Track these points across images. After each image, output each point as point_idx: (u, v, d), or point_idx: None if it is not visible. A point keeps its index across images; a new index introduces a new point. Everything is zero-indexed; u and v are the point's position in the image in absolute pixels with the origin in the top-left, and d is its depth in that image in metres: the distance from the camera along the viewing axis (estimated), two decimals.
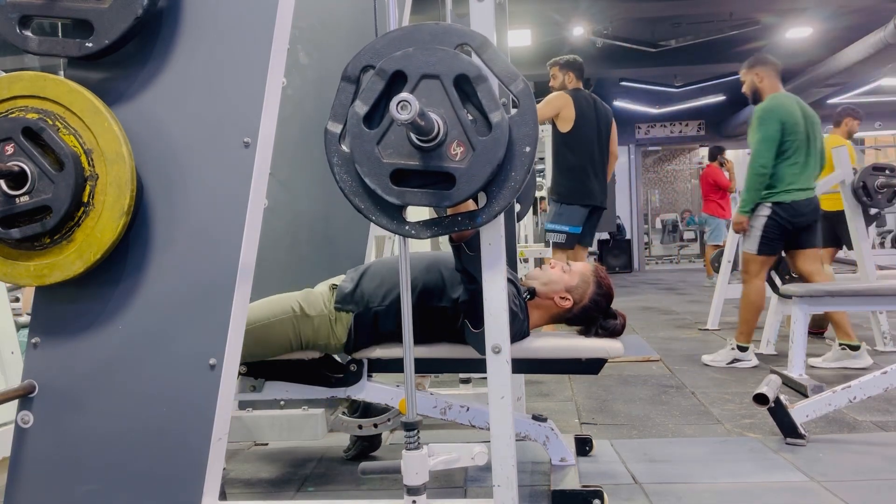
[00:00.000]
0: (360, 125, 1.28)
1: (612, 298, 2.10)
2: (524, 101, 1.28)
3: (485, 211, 1.30)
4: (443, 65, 1.26)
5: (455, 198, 1.27)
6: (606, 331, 2.05)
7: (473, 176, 1.25)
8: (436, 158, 1.26)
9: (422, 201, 1.28)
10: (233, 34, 1.41)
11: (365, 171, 1.28)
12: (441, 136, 1.25)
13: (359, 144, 1.28)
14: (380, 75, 1.27)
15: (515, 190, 1.29)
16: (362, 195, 1.31)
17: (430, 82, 1.26)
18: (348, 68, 1.31)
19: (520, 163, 1.27)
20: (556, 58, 4.62)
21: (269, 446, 2.64)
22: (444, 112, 1.26)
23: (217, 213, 1.39)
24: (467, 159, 1.25)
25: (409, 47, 1.28)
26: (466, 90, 1.27)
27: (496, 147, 1.25)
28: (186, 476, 1.35)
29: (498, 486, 1.39)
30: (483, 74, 1.26)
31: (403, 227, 1.32)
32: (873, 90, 11.20)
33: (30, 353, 1.41)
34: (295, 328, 1.94)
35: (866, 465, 2.30)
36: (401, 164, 1.27)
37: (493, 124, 1.25)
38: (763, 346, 4.33)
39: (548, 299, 2.06)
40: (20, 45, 1.35)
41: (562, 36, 8.77)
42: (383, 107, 1.27)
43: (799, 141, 3.78)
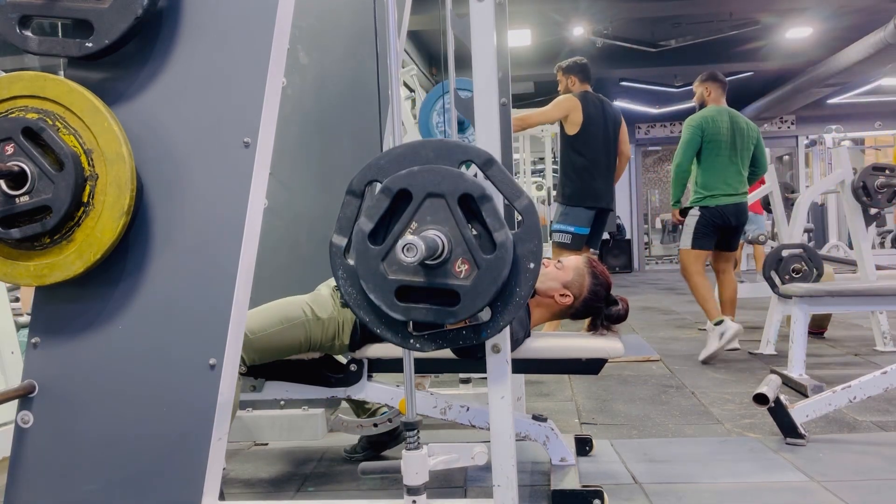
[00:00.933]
0: (365, 242, 1.29)
1: (610, 286, 2.10)
2: (528, 219, 1.29)
3: (490, 325, 1.31)
4: (447, 184, 1.27)
5: (460, 315, 1.28)
6: (612, 318, 2.07)
7: (478, 293, 1.26)
8: (440, 276, 1.27)
9: (427, 318, 1.29)
10: (233, 34, 1.41)
11: (370, 288, 1.29)
12: (445, 255, 1.26)
13: (364, 261, 1.29)
14: (385, 193, 1.29)
15: (521, 305, 1.30)
16: (367, 309, 1.33)
17: (435, 201, 1.28)
18: (353, 183, 1.33)
19: (524, 279, 1.29)
20: (559, 63, 4.62)
21: (269, 446, 2.64)
22: (448, 230, 1.27)
23: (217, 213, 1.39)
24: (472, 277, 1.26)
25: (414, 165, 1.29)
26: (471, 208, 1.28)
27: (501, 265, 1.26)
28: (186, 476, 1.35)
29: (498, 486, 1.39)
30: (487, 194, 1.27)
31: (408, 341, 1.34)
32: (873, 90, 11.20)
33: (30, 353, 1.41)
34: (307, 332, 1.95)
35: (866, 465, 2.30)
36: (406, 280, 1.28)
37: (498, 244, 1.26)
38: (763, 346, 4.33)
39: (548, 297, 2.06)
40: (20, 45, 1.35)
41: (562, 36, 8.77)
42: (388, 224, 1.29)
43: (721, 150, 4.29)
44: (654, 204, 16.64)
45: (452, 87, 1.80)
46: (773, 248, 5.41)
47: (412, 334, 1.33)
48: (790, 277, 3.98)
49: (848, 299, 3.17)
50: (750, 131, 4.40)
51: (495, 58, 1.44)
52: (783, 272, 4.02)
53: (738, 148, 4.32)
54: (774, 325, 4.31)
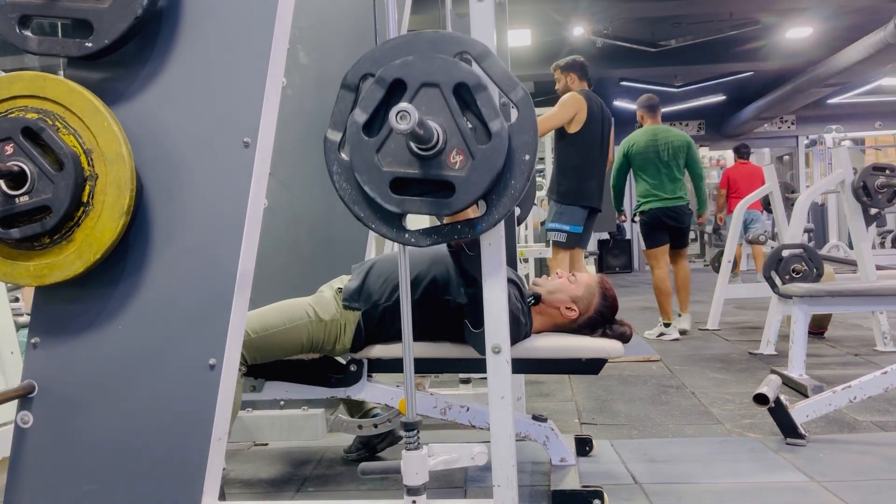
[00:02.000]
0: (359, 133, 1.28)
1: (616, 310, 2.10)
2: (524, 110, 1.28)
3: (485, 219, 1.31)
4: (442, 73, 1.26)
5: (455, 206, 1.27)
6: (614, 335, 2.06)
7: (473, 184, 1.25)
8: (435, 167, 1.26)
9: (421, 209, 1.28)
10: (233, 34, 1.41)
11: (364, 180, 1.28)
12: (440, 145, 1.25)
13: (358, 153, 1.28)
14: (379, 83, 1.27)
15: (515, 198, 1.29)
16: (362, 203, 1.31)
17: (430, 91, 1.26)
18: (347, 76, 1.31)
19: (519, 171, 1.27)
20: (557, 61, 4.61)
21: (269, 446, 2.64)
22: (443, 120, 1.26)
23: (217, 213, 1.39)
24: (467, 168, 1.25)
25: (409, 55, 1.28)
26: (466, 98, 1.27)
27: (496, 155, 1.25)
28: (186, 476, 1.35)
29: (498, 486, 1.39)
30: (482, 83, 1.26)
31: (403, 235, 1.32)
32: (873, 90, 11.19)
33: (30, 353, 1.41)
34: (309, 333, 1.95)
35: (866, 465, 2.30)
36: (400, 172, 1.27)
37: (493, 133, 1.25)
38: (763, 346, 4.33)
39: (553, 308, 2.07)
40: (20, 45, 1.35)
41: (562, 36, 8.77)
42: (383, 115, 1.27)
43: (649, 164, 5.08)
44: None
45: None
46: (773, 248, 5.42)
47: (407, 229, 1.32)
48: (790, 277, 3.98)
49: (848, 299, 3.16)
50: (679, 143, 5.12)
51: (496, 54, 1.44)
52: (783, 272, 4.02)
53: (666, 160, 5.05)
54: (774, 325, 4.31)
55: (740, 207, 5.57)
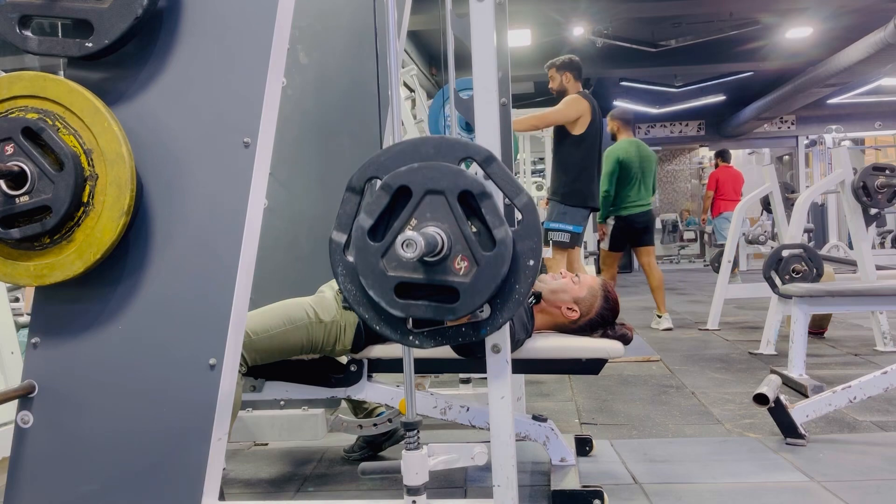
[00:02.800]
0: (364, 238, 1.28)
1: (617, 313, 2.10)
2: (528, 216, 1.29)
3: (489, 322, 1.31)
4: (447, 181, 1.27)
5: (459, 312, 1.27)
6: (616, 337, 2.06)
7: (478, 290, 1.26)
8: (440, 273, 1.27)
9: (426, 314, 1.28)
10: (233, 34, 1.41)
11: (369, 284, 1.28)
12: (445, 252, 1.26)
13: (363, 257, 1.28)
14: (385, 190, 1.28)
15: (520, 302, 1.29)
16: (366, 306, 1.32)
17: (435, 198, 1.27)
18: (353, 179, 1.32)
19: (524, 276, 1.28)
20: (552, 59, 4.62)
21: (269, 446, 2.64)
22: (447, 227, 1.27)
23: (217, 213, 1.39)
24: (471, 274, 1.26)
25: (414, 161, 1.29)
26: (471, 205, 1.28)
27: (500, 263, 1.25)
28: (186, 476, 1.35)
29: (498, 486, 1.39)
30: (487, 191, 1.26)
31: (408, 337, 1.33)
32: (873, 90, 11.19)
33: (30, 353, 1.41)
34: (309, 334, 1.95)
35: (866, 465, 2.30)
36: (405, 277, 1.27)
37: (497, 240, 1.25)
38: (763, 346, 4.33)
39: (554, 307, 2.07)
40: (20, 45, 1.35)
41: (562, 36, 8.77)
42: (388, 220, 1.29)
43: (633, 173, 5.37)
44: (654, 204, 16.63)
45: (452, 86, 1.80)
46: (773, 248, 5.42)
47: (412, 331, 1.33)
48: (790, 277, 3.98)
49: (848, 299, 3.16)
50: (653, 158, 5.55)
51: (495, 58, 1.44)
52: (783, 272, 4.02)
53: (644, 171, 5.42)
54: (774, 325, 4.31)
55: (740, 208, 5.57)
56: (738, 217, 5.55)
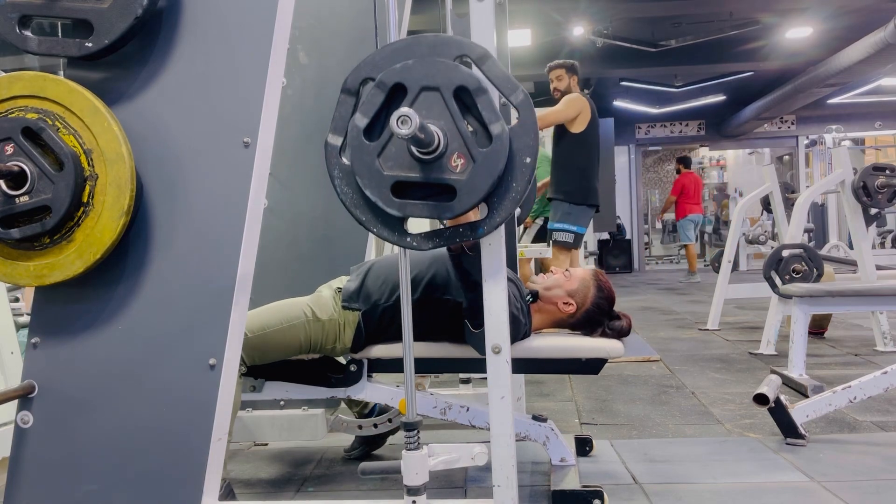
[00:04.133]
0: (360, 138, 1.28)
1: (613, 301, 2.10)
2: (524, 112, 1.28)
3: (486, 222, 1.31)
4: (442, 77, 1.26)
5: (456, 209, 1.27)
6: (614, 331, 2.06)
7: (474, 187, 1.25)
8: (436, 170, 1.26)
9: (423, 213, 1.28)
10: (233, 34, 1.41)
11: (366, 184, 1.28)
12: (441, 149, 1.25)
13: (359, 157, 1.28)
14: (380, 88, 1.27)
15: (516, 200, 1.29)
16: (363, 207, 1.31)
17: (430, 94, 1.26)
18: (348, 80, 1.31)
19: (520, 173, 1.27)
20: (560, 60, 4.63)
21: (269, 446, 2.64)
22: (444, 124, 1.26)
23: (217, 213, 1.39)
24: (468, 171, 1.25)
25: (409, 59, 1.28)
26: (466, 102, 1.27)
27: (497, 158, 1.25)
28: (186, 476, 1.35)
29: (498, 486, 1.39)
30: (483, 86, 1.26)
31: (405, 238, 1.32)
32: (873, 90, 11.19)
33: (30, 353, 1.41)
34: (306, 332, 1.95)
35: (866, 465, 2.30)
36: (401, 176, 1.27)
37: (494, 136, 1.25)
38: (763, 346, 4.33)
39: (551, 304, 2.07)
40: (20, 45, 1.35)
41: (562, 36, 8.76)
42: (383, 119, 1.28)
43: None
44: (654, 204, 16.63)
45: None
46: (773, 248, 5.42)
47: (408, 232, 1.32)
48: (790, 277, 3.98)
49: (848, 299, 3.16)
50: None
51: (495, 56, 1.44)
52: (783, 272, 4.02)
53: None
54: (774, 325, 4.31)
55: (740, 209, 5.57)
56: (739, 217, 5.55)
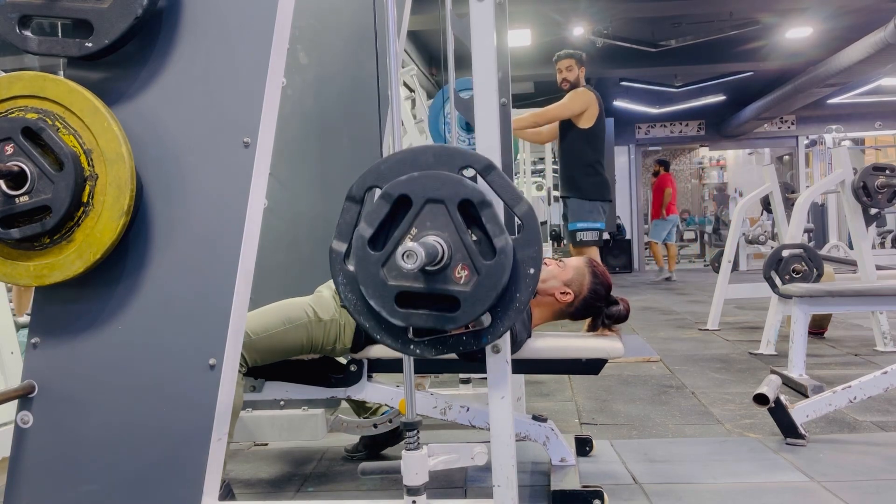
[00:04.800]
0: (364, 248, 1.28)
1: (610, 286, 2.11)
2: (528, 224, 1.29)
3: (490, 331, 1.31)
4: (447, 190, 1.27)
5: (460, 321, 1.27)
6: (612, 318, 2.07)
7: (478, 299, 1.26)
8: (440, 282, 1.27)
9: (427, 323, 1.29)
10: (233, 34, 1.41)
11: (370, 294, 1.29)
12: (445, 261, 1.26)
13: (364, 267, 1.28)
14: (385, 199, 1.28)
15: (520, 310, 1.29)
16: (367, 314, 1.32)
17: (435, 206, 1.27)
18: (353, 189, 1.32)
19: (524, 284, 1.28)
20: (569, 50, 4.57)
21: (269, 446, 2.64)
22: (448, 236, 1.27)
23: (217, 213, 1.39)
24: (472, 283, 1.26)
25: (414, 170, 1.29)
26: (471, 213, 1.28)
27: (501, 271, 1.25)
28: (186, 476, 1.35)
29: (498, 486, 1.39)
30: (487, 200, 1.27)
31: (409, 346, 1.33)
32: (873, 90, 11.19)
33: (30, 353, 1.41)
34: (309, 333, 1.95)
35: (866, 465, 2.30)
36: (405, 286, 1.27)
37: (498, 249, 1.25)
38: (763, 346, 4.33)
39: (548, 296, 2.07)
40: (20, 45, 1.35)
41: (562, 36, 8.76)
42: (388, 230, 1.29)
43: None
44: None
45: (452, 87, 1.80)
46: (773, 248, 5.42)
47: (413, 340, 1.33)
48: (790, 277, 3.98)
49: (848, 299, 3.16)
50: None
51: (495, 58, 1.44)
52: (783, 272, 4.02)
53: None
54: (774, 325, 4.31)
55: (740, 209, 5.57)
56: (739, 217, 5.55)
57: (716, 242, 13.73)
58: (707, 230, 14.97)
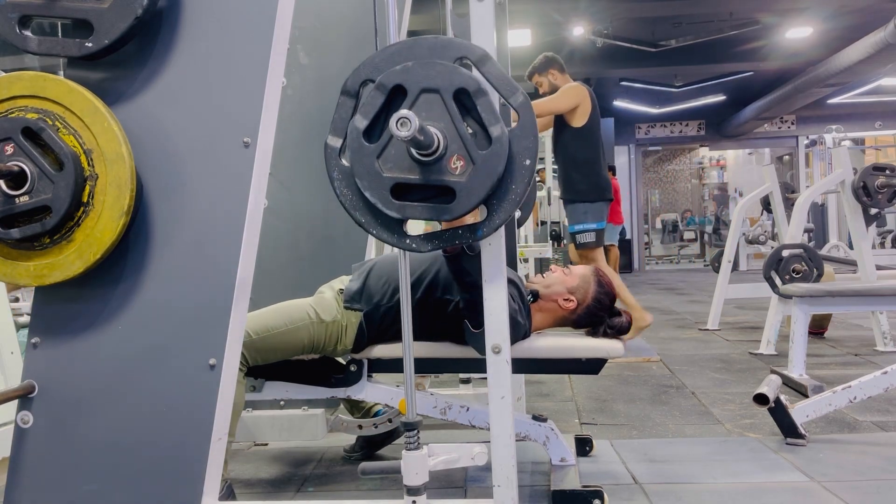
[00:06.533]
0: (360, 139, 1.28)
1: (614, 297, 2.11)
2: (524, 114, 1.28)
3: (485, 224, 1.30)
4: (442, 79, 1.26)
5: (455, 212, 1.27)
6: (614, 329, 2.07)
7: (474, 190, 1.25)
8: (436, 172, 1.26)
9: (422, 215, 1.28)
10: (233, 34, 1.41)
11: (365, 186, 1.28)
12: (441, 150, 1.25)
13: (359, 159, 1.28)
14: (379, 89, 1.28)
15: (516, 203, 1.29)
16: (362, 209, 1.31)
17: (430, 96, 1.26)
18: (348, 82, 1.31)
19: (520, 176, 1.27)
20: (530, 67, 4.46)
21: (269, 446, 2.64)
22: (443, 126, 1.26)
23: (217, 213, 1.39)
24: (467, 173, 1.25)
25: (409, 61, 1.28)
26: (466, 104, 1.27)
27: (496, 161, 1.25)
28: (186, 476, 1.35)
29: (498, 486, 1.39)
30: (482, 88, 1.26)
31: (404, 240, 1.32)
32: (873, 90, 11.19)
33: (30, 353, 1.41)
34: (310, 334, 1.95)
35: (866, 465, 2.30)
36: (401, 178, 1.27)
37: (493, 138, 1.25)
38: (763, 346, 4.33)
39: (552, 301, 2.07)
40: (20, 45, 1.35)
41: (562, 36, 8.76)
42: (383, 121, 1.28)
43: None
44: (655, 204, 16.65)
45: None
46: (773, 248, 5.42)
47: (407, 234, 1.32)
48: (790, 277, 3.98)
49: (848, 299, 3.16)
50: None
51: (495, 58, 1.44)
52: (783, 272, 4.02)
53: None
54: (774, 325, 4.31)
55: (740, 209, 5.57)
56: (739, 217, 5.55)
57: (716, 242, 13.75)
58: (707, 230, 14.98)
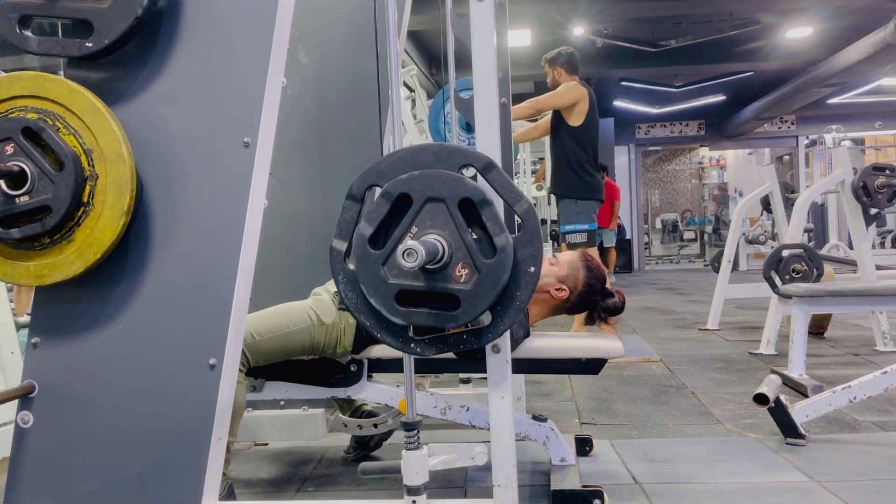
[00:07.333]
0: (365, 246, 1.28)
1: (605, 280, 2.12)
2: (528, 223, 1.29)
3: (491, 330, 1.31)
4: (447, 189, 1.27)
5: (460, 319, 1.27)
6: (608, 311, 2.08)
7: (479, 297, 1.26)
8: (441, 280, 1.27)
9: (427, 322, 1.28)
10: (233, 34, 1.41)
11: (370, 292, 1.29)
12: (446, 259, 1.26)
13: (364, 265, 1.29)
14: (385, 198, 1.28)
15: (521, 309, 1.30)
16: (367, 313, 1.32)
17: (435, 205, 1.27)
18: (353, 187, 1.32)
19: (525, 283, 1.28)
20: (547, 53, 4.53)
21: (269, 446, 2.64)
22: (448, 234, 1.27)
23: (217, 213, 1.39)
24: (472, 281, 1.26)
25: (414, 169, 1.29)
26: (471, 212, 1.28)
27: (501, 269, 1.25)
28: (186, 476, 1.35)
29: (498, 486, 1.39)
30: (487, 198, 1.27)
31: (409, 345, 1.33)
32: (873, 90, 11.20)
33: (30, 353, 1.41)
34: (311, 336, 1.95)
35: (866, 465, 2.30)
36: (406, 285, 1.27)
37: (498, 247, 1.25)
38: (763, 346, 4.33)
39: (544, 293, 2.08)
40: (20, 45, 1.35)
41: (562, 36, 8.76)
42: (388, 228, 1.29)
43: None
44: (654, 204, 16.65)
45: (452, 87, 1.80)
46: (773, 248, 5.42)
47: (413, 338, 1.33)
48: (790, 277, 3.98)
49: (848, 299, 3.16)
50: None
51: (495, 58, 1.44)
52: (783, 272, 4.02)
53: None
54: (774, 325, 4.31)
55: (740, 209, 5.57)
56: (739, 217, 5.56)
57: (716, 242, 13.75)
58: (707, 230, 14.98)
